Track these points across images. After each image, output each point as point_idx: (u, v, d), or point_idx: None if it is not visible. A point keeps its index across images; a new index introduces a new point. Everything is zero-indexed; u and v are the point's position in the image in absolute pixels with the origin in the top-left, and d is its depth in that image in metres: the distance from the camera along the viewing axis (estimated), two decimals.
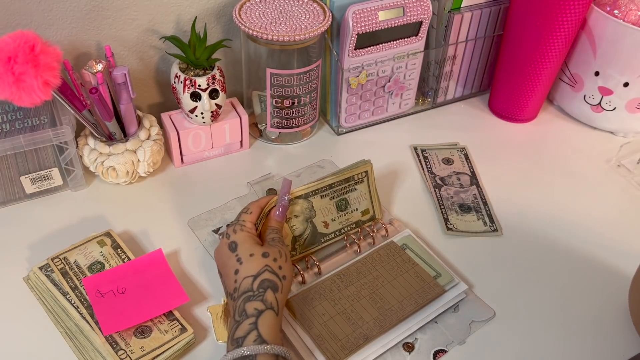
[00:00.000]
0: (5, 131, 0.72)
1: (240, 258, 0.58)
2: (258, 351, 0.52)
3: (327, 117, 0.91)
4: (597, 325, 0.64)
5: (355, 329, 0.61)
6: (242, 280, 0.57)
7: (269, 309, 0.55)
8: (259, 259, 0.58)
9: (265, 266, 0.57)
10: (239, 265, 0.58)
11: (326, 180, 0.69)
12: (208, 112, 0.77)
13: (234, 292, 0.57)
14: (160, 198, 0.77)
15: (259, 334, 0.53)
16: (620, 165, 0.86)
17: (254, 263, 0.58)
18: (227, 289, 0.59)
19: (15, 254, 0.68)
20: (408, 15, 0.79)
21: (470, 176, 0.82)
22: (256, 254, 0.58)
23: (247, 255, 0.58)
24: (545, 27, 0.82)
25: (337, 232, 0.69)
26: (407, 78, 0.88)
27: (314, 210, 0.68)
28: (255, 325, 0.54)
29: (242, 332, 0.53)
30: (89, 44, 0.79)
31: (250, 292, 0.56)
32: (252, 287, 0.56)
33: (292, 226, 0.66)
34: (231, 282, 0.58)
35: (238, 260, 0.58)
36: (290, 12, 0.78)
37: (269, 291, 0.56)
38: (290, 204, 0.66)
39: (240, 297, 0.56)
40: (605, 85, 0.86)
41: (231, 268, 0.58)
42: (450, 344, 0.61)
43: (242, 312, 0.55)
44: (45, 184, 0.74)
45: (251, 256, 0.58)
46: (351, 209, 0.70)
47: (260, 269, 0.57)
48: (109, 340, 0.58)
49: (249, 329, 0.53)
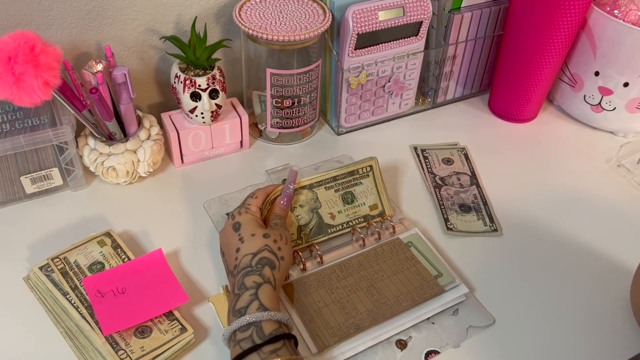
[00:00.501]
0: (5, 131, 0.72)
1: (242, 237, 0.61)
2: (262, 317, 0.53)
3: (327, 117, 0.91)
4: (598, 326, 0.64)
5: (347, 319, 0.62)
6: (242, 258, 0.59)
7: (267, 283, 0.57)
8: (260, 238, 0.61)
9: (265, 245, 0.60)
10: (241, 244, 0.60)
11: (330, 172, 0.70)
12: (208, 112, 0.77)
13: (234, 269, 0.59)
14: (161, 198, 0.77)
15: (261, 303, 0.55)
16: (620, 165, 0.86)
17: (254, 242, 0.60)
18: (228, 266, 0.61)
19: (15, 254, 0.68)
20: (408, 15, 0.79)
21: (470, 176, 0.82)
22: (257, 234, 0.61)
23: (249, 235, 0.61)
24: (545, 27, 0.82)
25: (344, 225, 0.70)
26: (407, 78, 0.88)
27: (319, 202, 0.69)
28: (256, 295, 0.56)
29: (243, 303, 0.55)
30: (89, 44, 0.79)
31: (249, 267, 0.58)
32: (250, 264, 0.59)
33: (297, 215, 0.68)
34: (232, 260, 0.60)
35: (240, 239, 0.61)
36: (290, 12, 0.78)
37: (267, 268, 0.59)
38: (295, 193, 0.68)
39: (240, 273, 0.58)
40: (605, 85, 0.86)
41: (233, 246, 0.61)
42: (444, 346, 0.61)
43: (241, 285, 0.57)
44: (45, 184, 0.74)
45: (252, 236, 0.61)
46: (358, 203, 0.71)
47: (260, 247, 0.60)
48: (109, 340, 0.58)
49: (250, 299, 0.55)
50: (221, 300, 0.64)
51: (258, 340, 0.52)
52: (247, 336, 0.53)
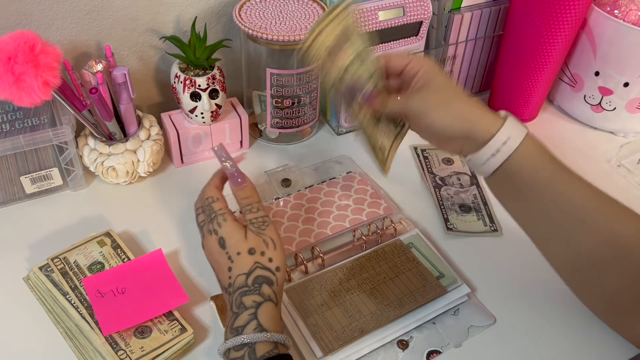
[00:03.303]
0: (5, 131, 0.72)
1: (230, 256, 0.57)
2: (257, 339, 0.52)
3: (327, 117, 0.91)
4: (599, 326, 0.64)
5: (351, 322, 0.62)
6: (236, 277, 0.56)
7: (268, 301, 0.55)
8: (246, 256, 0.57)
9: (255, 263, 0.56)
10: (231, 263, 0.57)
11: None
12: (208, 112, 0.77)
13: (229, 287, 0.57)
14: (160, 198, 0.77)
15: (259, 323, 0.53)
16: (620, 165, 0.86)
17: (243, 261, 0.57)
18: (222, 283, 0.58)
19: (15, 254, 0.68)
20: (408, 15, 0.79)
21: (470, 176, 0.82)
22: (242, 252, 0.57)
23: (235, 254, 0.57)
24: (545, 27, 0.82)
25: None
26: None
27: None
28: (254, 315, 0.54)
29: (241, 322, 0.54)
30: (89, 44, 0.79)
31: (245, 287, 0.56)
32: (246, 283, 0.56)
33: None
34: (225, 278, 0.57)
35: (229, 258, 0.57)
36: (290, 12, 0.78)
37: (264, 286, 0.56)
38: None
39: (236, 292, 0.56)
40: (606, 85, 0.86)
41: (224, 265, 0.57)
42: (446, 346, 0.61)
43: (240, 304, 0.55)
44: (45, 184, 0.74)
45: (238, 254, 0.57)
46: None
47: (251, 266, 0.56)
48: (108, 341, 0.58)
49: (248, 319, 0.54)
50: (222, 299, 0.64)
51: None
52: (239, 356, 0.52)
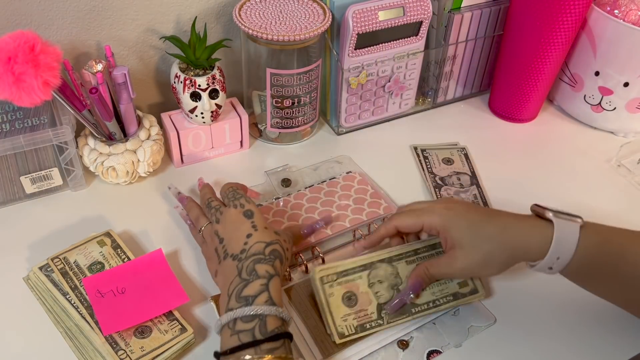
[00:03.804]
0: (5, 131, 0.72)
1: (256, 225, 0.60)
2: (269, 312, 0.52)
3: (327, 117, 0.91)
4: (599, 326, 0.64)
5: None
6: (253, 244, 0.58)
7: (277, 275, 0.56)
8: (272, 233, 0.60)
9: (277, 240, 0.60)
10: (254, 231, 0.60)
11: (411, 245, 0.65)
12: (208, 112, 0.77)
13: (241, 253, 0.58)
14: (161, 198, 0.77)
15: (270, 296, 0.54)
16: (620, 165, 0.86)
17: (268, 233, 0.60)
18: (231, 250, 0.59)
19: (15, 254, 0.68)
20: (408, 15, 0.79)
21: (470, 176, 0.82)
22: (269, 229, 0.61)
23: (262, 226, 0.60)
24: (545, 27, 0.82)
25: (430, 303, 0.62)
26: (407, 78, 0.87)
27: (399, 277, 0.63)
28: (266, 286, 0.54)
29: (252, 291, 0.54)
30: (89, 44, 0.79)
31: (261, 255, 0.57)
32: (263, 252, 0.58)
33: (376, 292, 0.62)
34: (239, 244, 0.59)
35: (253, 226, 0.60)
36: (290, 12, 0.78)
37: (277, 261, 0.58)
38: (372, 267, 0.63)
39: (249, 258, 0.57)
40: (606, 85, 0.86)
41: (243, 232, 0.59)
42: (446, 346, 0.61)
43: (251, 271, 0.56)
44: (45, 184, 0.74)
45: (265, 228, 0.60)
46: (444, 280, 0.64)
47: (273, 239, 0.59)
48: (108, 341, 0.58)
49: (260, 289, 0.54)
50: None
51: (259, 335, 0.51)
52: (249, 329, 0.51)
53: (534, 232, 0.56)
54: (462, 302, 0.63)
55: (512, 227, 0.57)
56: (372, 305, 0.61)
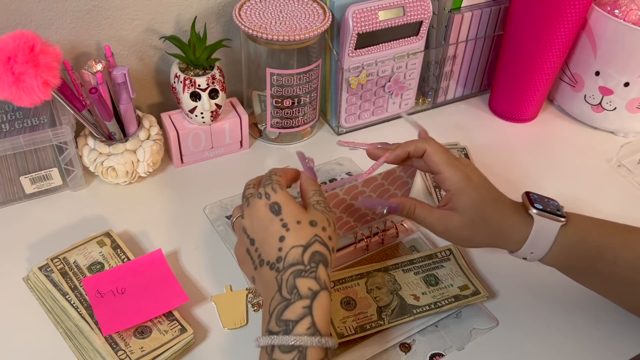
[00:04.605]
0: (5, 131, 0.72)
1: (286, 223, 0.51)
2: (311, 343, 0.47)
3: (327, 117, 0.91)
4: (601, 327, 0.64)
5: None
6: (289, 249, 0.50)
7: (323, 290, 0.49)
8: (307, 227, 0.51)
9: (315, 236, 0.51)
10: (285, 231, 0.51)
11: (406, 256, 0.68)
12: (208, 112, 0.77)
13: (278, 262, 0.51)
14: (160, 198, 0.77)
15: (313, 321, 0.48)
16: (620, 165, 0.86)
17: (302, 231, 0.51)
18: (266, 256, 0.52)
19: (15, 254, 0.68)
20: (408, 15, 0.79)
21: None
22: (303, 222, 0.51)
23: (293, 222, 0.51)
24: (545, 27, 0.82)
25: (432, 305, 0.63)
26: (407, 78, 0.87)
27: (398, 284, 0.65)
28: (310, 309, 0.48)
29: (294, 315, 0.48)
30: (88, 44, 0.79)
31: (300, 265, 0.50)
32: (302, 260, 0.50)
33: (375, 297, 0.63)
34: (273, 250, 0.51)
35: (284, 225, 0.51)
36: (290, 12, 0.78)
37: (321, 267, 0.50)
38: (370, 276, 0.65)
39: (288, 270, 0.50)
40: (606, 85, 0.86)
41: (274, 233, 0.51)
42: (448, 349, 0.61)
43: (292, 288, 0.49)
44: (44, 184, 0.74)
45: (298, 223, 0.51)
46: (444, 284, 0.65)
47: (310, 239, 0.51)
48: (108, 341, 0.57)
49: (302, 312, 0.48)
50: (223, 300, 0.64)
51: None
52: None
53: (516, 227, 0.58)
54: (463, 303, 0.63)
55: (506, 217, 0.59)
56: (372, 308, 0.62)
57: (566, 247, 0.58)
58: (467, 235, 0.59)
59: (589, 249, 0.58)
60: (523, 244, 0.58)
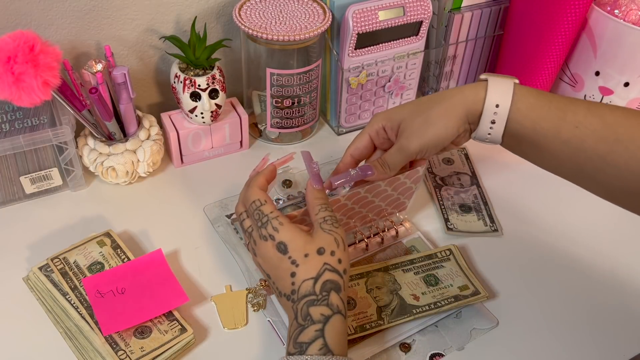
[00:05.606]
0: (5, 131, 0.72)
1: (294, 260, 0.53)
2: None
3: (327, 117, 0.91)
4: (601, 327, 0.64)
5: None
6: (301, 283, 0.53)
7: (337, 314, 0.52)
8: (315, 257, 0.53)
9: (324, 265, 0.53)
10: (295, 267, 0.53)
11: (406, 256, 0.68)
12: (208, 112, 0.77)
13: (292, 294, 0.53)
14: (160, 198, 0.77)
15: (325, 342, 0.50)
16: None
17: (311, 263, 0.53)
18: (282, 289, 0.55)
19: (15, 254, 0.68)
20: (408, 15, 0.79)
21: (471, 176, 0.82)
22: (311, 253, 0.53)
23: (301, 257, 0.53)
24: (545, 27, 0.82)
25: (431, 305, 0.63)
26: (407, 78, 0.87)
27: (398, 284, 0.65)
28: (322, 332, 0.50)
29: (306, 338, 0.50)
30: (88, 44, 0.79)
31: (312, 295, 0.52)
32: (314, 291, 0.52)
33: (375, 297, 0.64)
34: (287, 285, 0.54)
35: (292, 262, 0.53)
36: (290, 12, 0.78)
37: (333, 294, 0.52)
38: (370, 275, 0.65)
39: (302, 300, 0.52)
40: (606, 85, 0.86)
41: (285, 271, 0.54)
42: (448, 349, 0.61)
43: (306, 316, 0.51)
44: (44, 184, 0.74)
45: (306, 257, 0.53)
46: (444, 284, 0.65)
47: (320, 269, 0.53)
48: (108, 341, 0.58)
49: (314, 335, 0.50)
50: (223, 300, 0.64)
51: None
52: None
53: (467, 90, 0.57)
54: (463, 303, 0.63)
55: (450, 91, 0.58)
56: (372, 308, 0.62)
57: (528, 105, 0.56)
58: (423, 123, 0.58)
59: (551, 108, 0.55)
60: (482, 104, 0.56)
